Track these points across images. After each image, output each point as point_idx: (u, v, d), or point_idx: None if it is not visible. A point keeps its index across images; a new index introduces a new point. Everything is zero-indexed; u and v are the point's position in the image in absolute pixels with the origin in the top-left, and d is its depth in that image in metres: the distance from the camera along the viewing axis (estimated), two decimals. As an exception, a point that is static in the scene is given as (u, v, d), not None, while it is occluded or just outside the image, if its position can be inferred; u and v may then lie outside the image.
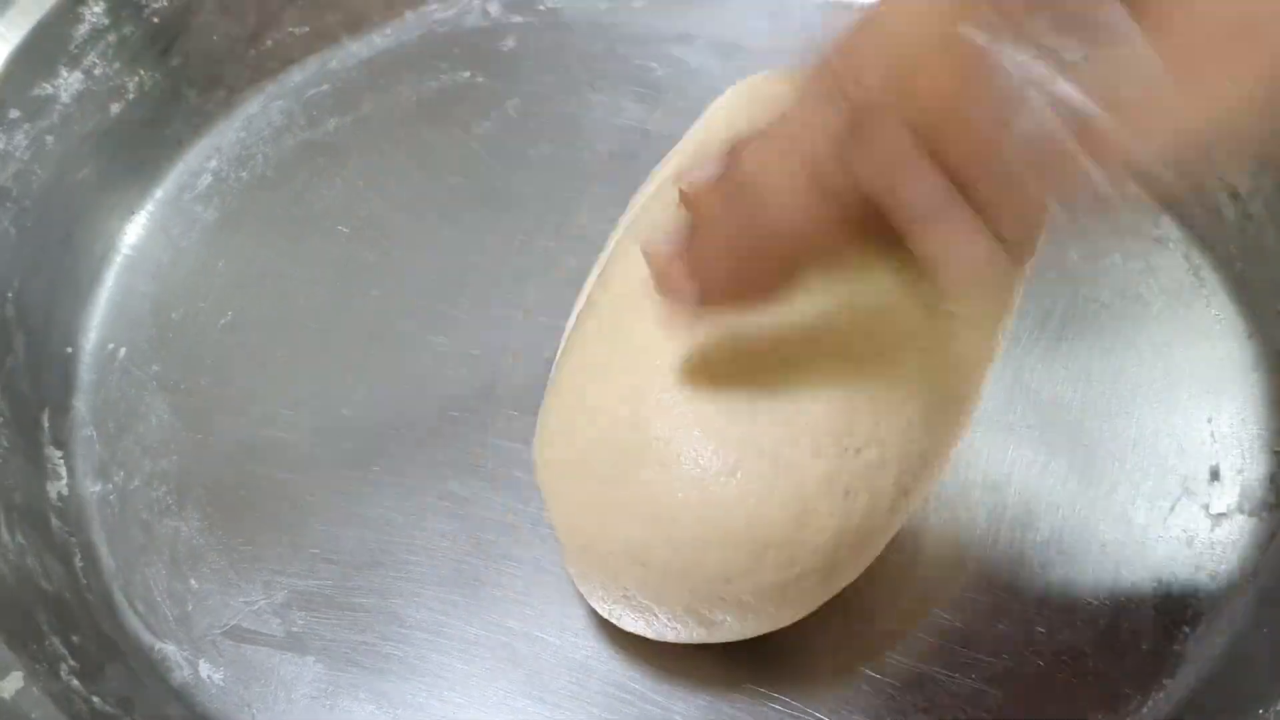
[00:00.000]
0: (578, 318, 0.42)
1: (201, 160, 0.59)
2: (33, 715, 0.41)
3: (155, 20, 0.57)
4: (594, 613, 0.45)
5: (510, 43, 0.62)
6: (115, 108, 0.57)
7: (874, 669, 0.44)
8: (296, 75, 0.61)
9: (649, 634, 0.40)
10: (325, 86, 0.61)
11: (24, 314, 0.52)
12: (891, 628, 0.45)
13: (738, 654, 0.44)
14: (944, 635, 0.45)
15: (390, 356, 0.52)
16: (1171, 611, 0.46)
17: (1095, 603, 0.46)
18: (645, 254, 0.33)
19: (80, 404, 0.51)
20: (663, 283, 0.33)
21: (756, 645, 0.44)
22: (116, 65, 0.56)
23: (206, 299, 0.55)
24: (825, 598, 0.39)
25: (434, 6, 0.64)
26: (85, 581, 0.47)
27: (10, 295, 0.52)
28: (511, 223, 0.55)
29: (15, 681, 0.42)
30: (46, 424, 0.51)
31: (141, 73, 0.57)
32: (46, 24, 0.54)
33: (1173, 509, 0.48)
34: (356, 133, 0.59)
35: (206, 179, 0.58)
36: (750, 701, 0.43)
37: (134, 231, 0.57)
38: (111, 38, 0.56)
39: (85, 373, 0.53)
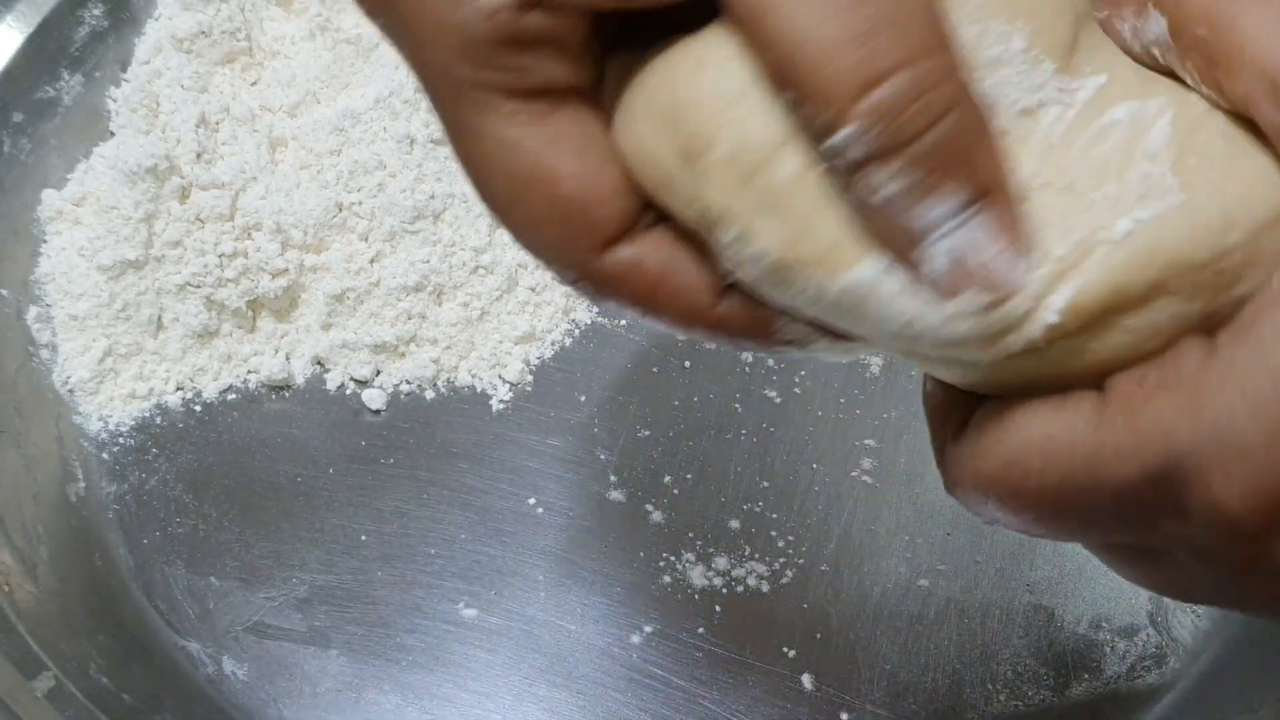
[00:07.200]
0: None
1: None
2: (66, 713, 0.42)
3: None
4: (614, 600, 0.46)
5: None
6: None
7: (870, 651, 0.45)
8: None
9: None
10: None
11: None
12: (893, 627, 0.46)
13: (759, 637, 0.45)
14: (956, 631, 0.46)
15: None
16: (1166, 608, 0.47)
17: (1091, 593, 0.47)
18: None
19: (93, 405, 0.52)
20: None
21: (780, 630, 0.45)
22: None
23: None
24: None
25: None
26: (106, 581, 0.48)
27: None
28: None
29: (47, 680, 0.43)
30: (61, 426, 0.51)
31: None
32: (47, 27, 0.55)
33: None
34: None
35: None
36: (773, 683, 0.45)
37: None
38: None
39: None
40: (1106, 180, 0.24)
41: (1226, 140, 0.24)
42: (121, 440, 0.51)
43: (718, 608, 0.46)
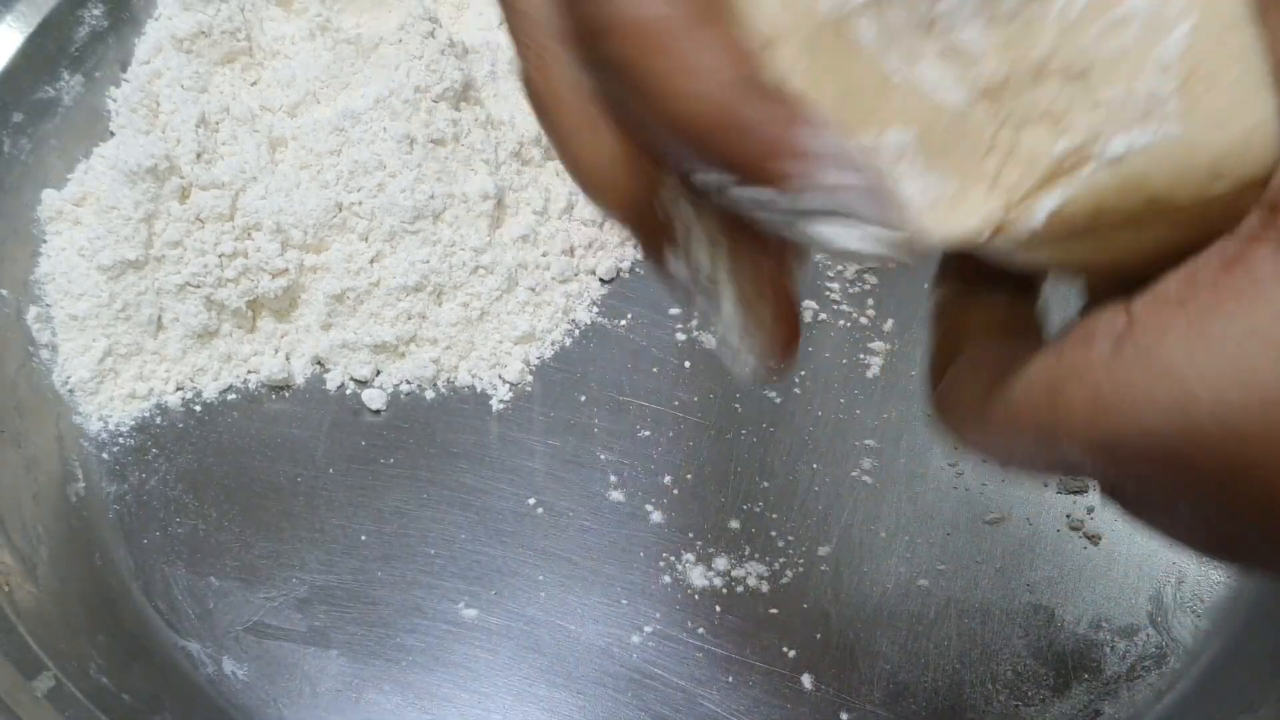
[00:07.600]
0: None
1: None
2: (66, 713, 0.42)
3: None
4: (614, 600, 0.46)
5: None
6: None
7: (870, 651, 0.45)
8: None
9: None
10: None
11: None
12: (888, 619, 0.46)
13: (759, 637, 0.45)
14: (958, 628, 0.46)
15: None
16: (1166, 608, 0.47)
17: (1091, 593, 0.47)
18: None
19: (93, 405, 0.52)
20: None
21: (780, 630, 0.45)
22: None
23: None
24: None
25: None
26: (107, 581, 0.48)
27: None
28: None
29: (47, 680, 0.43)
30: (61, 426, 0.51)
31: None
32: (47, 27, 0.55)
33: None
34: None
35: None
36: (773, 683, 0.45)
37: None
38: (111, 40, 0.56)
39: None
40: (1117, 79, 0.23)
41: (1242, 71, 0.23)
42: (121, 440, 0.51)
43: (718, 608, 0.46)
